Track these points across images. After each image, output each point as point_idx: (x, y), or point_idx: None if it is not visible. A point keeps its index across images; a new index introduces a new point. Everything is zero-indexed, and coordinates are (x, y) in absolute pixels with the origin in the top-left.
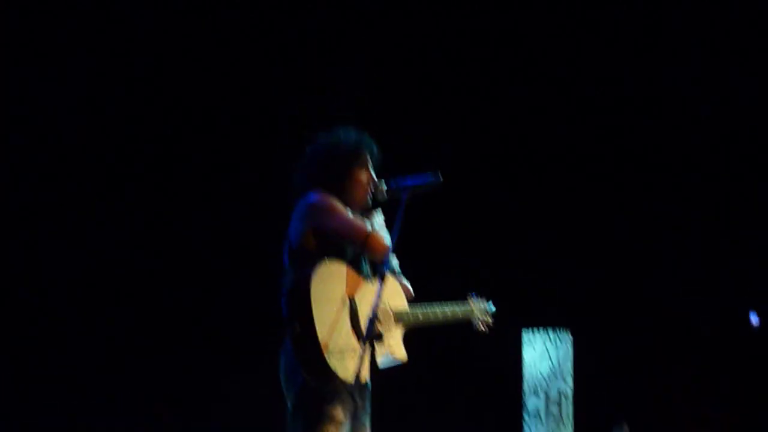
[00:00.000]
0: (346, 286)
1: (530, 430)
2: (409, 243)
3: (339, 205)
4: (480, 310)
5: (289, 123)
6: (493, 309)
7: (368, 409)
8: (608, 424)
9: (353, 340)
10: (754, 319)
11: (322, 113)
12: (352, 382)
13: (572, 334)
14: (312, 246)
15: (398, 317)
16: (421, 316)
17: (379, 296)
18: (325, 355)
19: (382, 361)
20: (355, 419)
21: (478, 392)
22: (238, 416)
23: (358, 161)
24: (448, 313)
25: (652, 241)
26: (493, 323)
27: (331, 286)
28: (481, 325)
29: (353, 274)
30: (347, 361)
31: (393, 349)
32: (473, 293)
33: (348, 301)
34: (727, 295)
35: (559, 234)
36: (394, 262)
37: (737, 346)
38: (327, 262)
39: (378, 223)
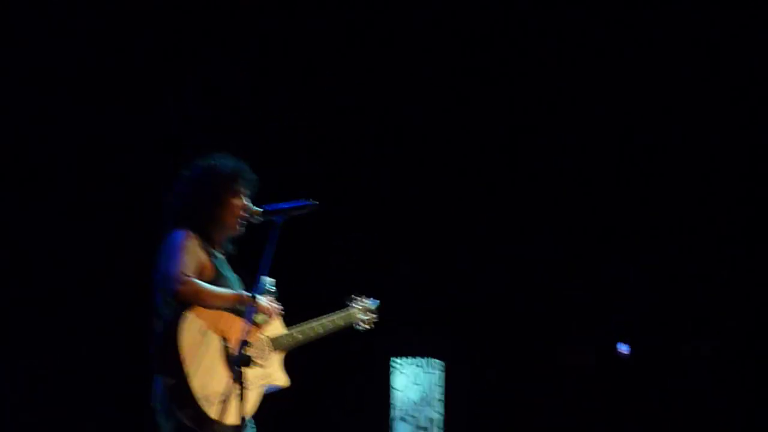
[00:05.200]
0: (218, 328)
1: None
2: (285, 265)
3: (188, 248)
4: (361, 310)
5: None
6: (376, 303)
7: None
8: None
9: (229, 381)
10: (624, 349)
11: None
12: (234, 423)
13: (444, 363)
14: None
15: (275, 343)
16: (300, 336)
17: (250, 320)
18: (202, 407)
19: (264, 389)
20: None
21: (346, 418)
22: None
23: (233, 188)
24: (328, 324)
25: (523, 268)
26: (375, 320)
27: (200, 331)
28: (363, 325)
29: (225, 312)
30: (225, 404)
31: (273, 376)
32: (353, 296)
33: (220, 342)
34: (598, 325)
35: (428, 262)
36: (268, 283)
37: (609, 377)
38: (195, 306)
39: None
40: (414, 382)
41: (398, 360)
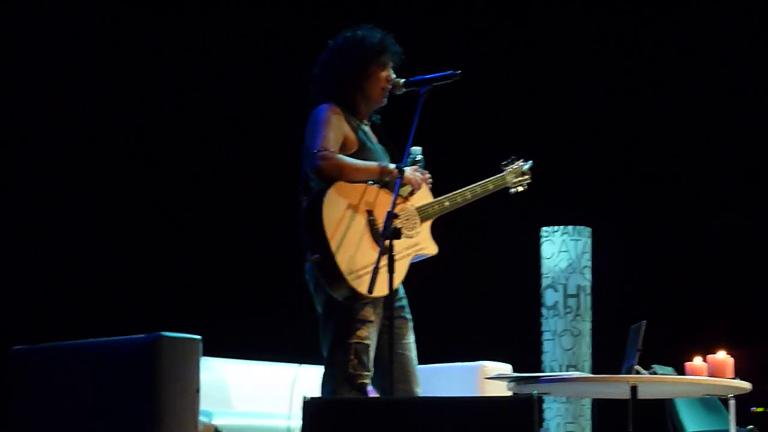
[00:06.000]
0: (363, 202)
1: (548, 324)
2: (428, 137)
3: (331, 122)
4: (514, 172)
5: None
6: (529, 164)
7: (406, 307)
8: (627, 319)
9: (375, 255)
10: None
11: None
12: (384, 295)
13: (591, 230)
14: None
15: (422, 212)
16: (447, 202)
17: (396, 192)
18: (349, 280)
19: (413, 258)
20: (394, 318)
21: (497, 287)
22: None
23: (379, 59)
24: (478, 189)
25: (669, 136)
26: (529, 182)
27: (344, 206)
28: (516, 188)
29: (370, 186)
30: (374, 277)
31: (421, 245)
32: (510, 158)
33: (366, 215)
34: (751, 192)
35: (577, 132)
36: (418, 154)
37: (759, 240)
38: (339, 181)
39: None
40: (562, 249)
41: (546, 228)
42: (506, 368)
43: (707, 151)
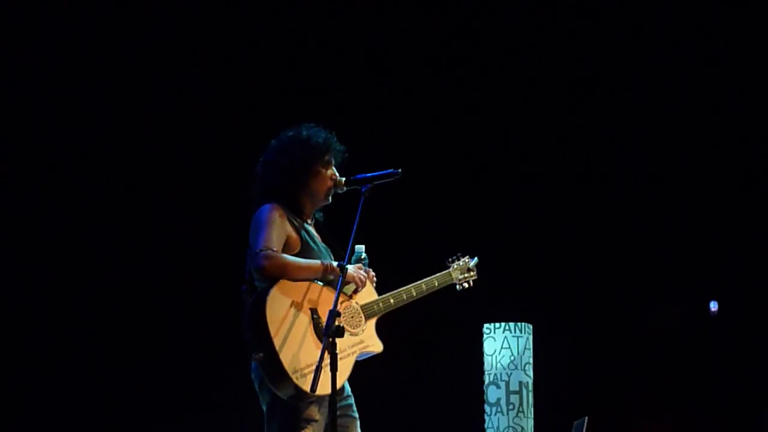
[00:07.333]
0: (307, 300)
1: (491, 421)
2: (372, 235)
3: (274, 222)
4: (459, 269)
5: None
6: (475, 261)
7: (352, 405)
8: (569, 415)
9: (319, 353)
10: (713, 307)
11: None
12: (328, 393)
13: (533, 326)
14: None
15: (367, 310)
16: (392, 300)
17: (339, 290)
18: (293, 378)
19: (358, 356)
20: (340, 417)
21: (439, 384)
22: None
23: (324, 158)
24: (423, 287)
25: (611, 234)
26: (475, 278)
27: (288, 304)
28: (462, 284)
29: (314, 284)
30: (317, 375)
31: (366, 343)
32: (456, 255)
33: (310, 314)
34: (687, 286)
35: (521, 230)
36: (362, 252)
37: (696, 337)
38: (282, 279)
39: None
40: (504, 346)
41: (488, 325)
42: None
43: (645, 244)
